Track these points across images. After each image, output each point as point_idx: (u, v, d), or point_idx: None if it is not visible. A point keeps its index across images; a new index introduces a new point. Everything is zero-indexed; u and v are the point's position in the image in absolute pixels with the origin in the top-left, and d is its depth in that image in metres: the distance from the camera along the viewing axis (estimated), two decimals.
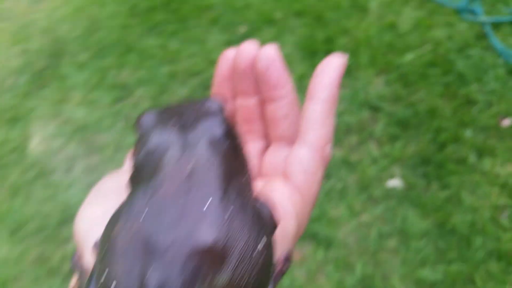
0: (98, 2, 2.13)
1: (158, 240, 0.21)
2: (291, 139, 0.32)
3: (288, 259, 0.27)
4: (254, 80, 0.32)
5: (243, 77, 0.32)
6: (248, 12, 1.94)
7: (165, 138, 0.25)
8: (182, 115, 0.27)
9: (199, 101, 0.29)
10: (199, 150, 0.25)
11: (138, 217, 0.22)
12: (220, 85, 0.34)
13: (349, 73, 1.61)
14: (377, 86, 1.57)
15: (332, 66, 0.30)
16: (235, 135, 0.28)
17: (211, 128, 0.26)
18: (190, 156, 0.24)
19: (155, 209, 0.22)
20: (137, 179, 0.25)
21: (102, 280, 0.21)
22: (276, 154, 0.32)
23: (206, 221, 0.22)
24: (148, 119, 0.27)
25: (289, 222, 0.27)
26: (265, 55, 0.30)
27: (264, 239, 0.23)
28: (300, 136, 0.30)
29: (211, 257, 0.21)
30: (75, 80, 1.76)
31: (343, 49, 1.70)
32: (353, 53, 1.68)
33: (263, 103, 0.32)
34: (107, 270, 0.21)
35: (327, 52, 1.78)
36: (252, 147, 0.33)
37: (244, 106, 0.33)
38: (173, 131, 0.26)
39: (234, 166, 0.26)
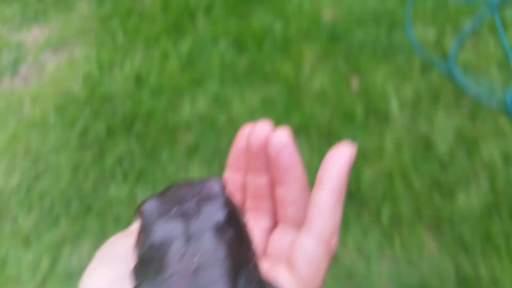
0: (38, 125, 1.64)
1: None
2: (298, 223, 0.32)
3: None
4: (266, 160, 0.33)
5: (256, 157, 0.33)
6: (234, 131, 1.49)
7: (168, 230, 0.25)
8: (184, 201, 0.27)
9: (200, 182, 0.28)
10: (204, 242, 0.25)
11: None
12: (235, 159, 0.35)
13: (389, 234, 1.19)
14: (432, 257, 1.15)
15: (341, 156, 0.31)
16: (238, 217, 0.28)
17: (214, 215, 0.26)
18: (195, 250, 0.24)
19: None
20: (142, 273, 0.25)
21: None
22: (282, 236, 0.32)
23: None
24: (150, 208, 0.27)
25: None
26: (277, 139, 0.31)
27: None
28: (307, 224, 0.30)
29: None
30: (18, 265, 1.29)
31: (372, 189, 1.28)
32: (387, 196, 1.26)
33: (273, 183, 0.33)
34: None
35: (351, 197, 1.31)
36: (258, 225, 0.34)
37: (254, 184, 0.35)
38: (176, 222, 0.26)
39: (240, 254, 0.26)
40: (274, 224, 0.34)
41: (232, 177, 0.35)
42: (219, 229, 0.26)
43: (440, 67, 1.57)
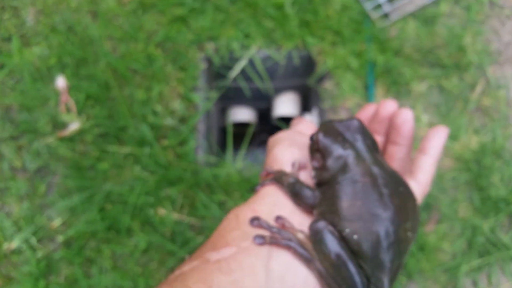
0: None
1: (375, 211, 0.38)
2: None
3: None
4: (386, 126, 0.49)
5: (379, 121, 0.49)
6: None
7: (342, 150, 0.42)
8: (344, 132, 0.43)
9: (346, 120, 0.44)
10: (367, 156, 0.42)
11: (357, 197, 0.39)
12: None
13: None
14: None
15: (440, 133, 0.48)
16: (375, 141, 0.44)
17: (367, 140, 0.43)
18: (364, 160, 0.41)
19: (362, 193, 0.39)
20: (330, 174, 0.41)
21: (345, 233, 0.38)
22: None
23: (396, 199, 0.39)
24: (323, 138, 0.43)
25: None
26: (404, 114, 0.47)
27: (416, 201, 0.42)
28: (412, 175, 0.48)
29: (404, 214, 0.39)
30: None
31: None
32: None
33: (386, 143, 0.50)
34: (347, 229, 0.38)
35: None
36: None
37: None
38: (346, 145, 0.42)
39: (388, 166, 0.42)
40: None
41: None
42: (374, 150, 0.43)
43: None
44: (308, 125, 0.53)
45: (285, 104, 1.62)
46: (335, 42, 1.45)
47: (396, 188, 0.40)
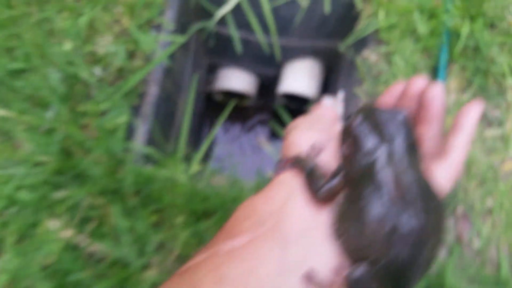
0: None
1: (402, 234, 0.33)
2: (427, 156, 0.40)
3: None
4: (416, 103, 0.42)
5: (408, 98, 0.42)
6: None
7: (376, 145, 0.35)
8: (386, 123, 0.36)
9: (393, 110, 0.37)
10: (401, 160, 0.35)
11: (384, 220, 0.33)
12: (388, 98, 0.44)
13: None
14: None
15: (474, 110, 0.41)
16: (417, 142, 0.38)
17: (407, 139, 0.36)
18: (396, 164, 0.35)
19: (391, 214, 0.33)
20: (355, 172, 0.35)
21: (368, 260, 0.34)
22: None
23: (425, 216, 0.34)
24: (360, 123, 0.36)
25: None
26: (434, 90, 0.40)
27: (445, 215, 0.40)
28: (445, 154, 0.41)
29: (432, 233, 0.34)
30: None
31: None
32: None
33: (416, 122, 0.42)
34: (372, 257, 0.33)
35: None
36: None
37: None
38: (381, 139, 0.35)
39: (422, 174, 0.36)
40: None
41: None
42: (412, 152, 0.36)
43: None
44: (330, 109, 0.48)
45: (297, 76, 1.03)
46: None
47: (427, 203, 0.35)
